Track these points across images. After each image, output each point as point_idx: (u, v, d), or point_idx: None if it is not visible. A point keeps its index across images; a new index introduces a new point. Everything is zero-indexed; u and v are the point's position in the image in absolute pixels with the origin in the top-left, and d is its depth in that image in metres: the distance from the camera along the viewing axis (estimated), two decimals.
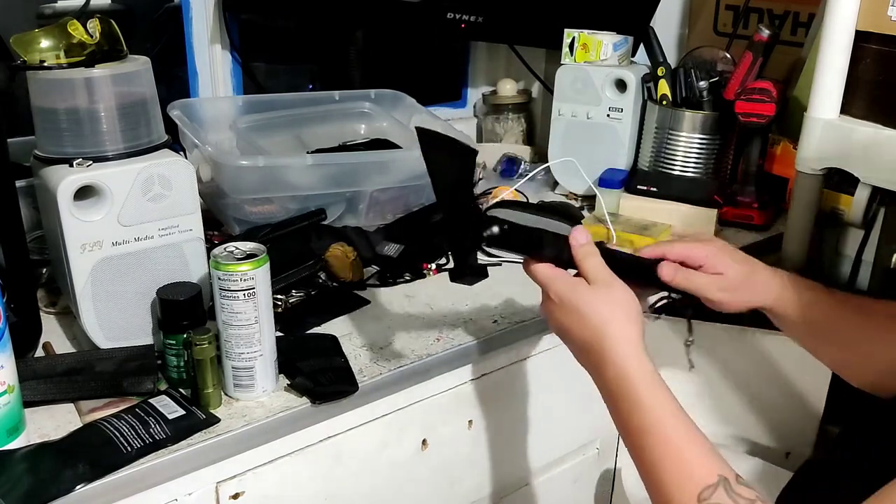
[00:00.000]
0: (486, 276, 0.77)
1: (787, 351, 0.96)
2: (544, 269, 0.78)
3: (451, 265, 0.77)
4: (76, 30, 0.84)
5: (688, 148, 1.33)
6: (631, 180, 1.34)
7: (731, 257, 0.84)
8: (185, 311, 0.82)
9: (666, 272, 0.82)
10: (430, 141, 0.75)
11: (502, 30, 1.50)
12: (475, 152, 0.74)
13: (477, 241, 0.75)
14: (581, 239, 0.78)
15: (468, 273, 0.75)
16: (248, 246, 0.81)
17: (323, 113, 1.33)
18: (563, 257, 0.79)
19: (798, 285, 0.86)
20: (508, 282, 1.05)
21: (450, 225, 0.76)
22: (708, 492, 0.63)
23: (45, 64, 0.83)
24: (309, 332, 0.95)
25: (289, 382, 0.84)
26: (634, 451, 0.71)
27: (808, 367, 0.89)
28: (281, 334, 0.89)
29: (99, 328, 0.85)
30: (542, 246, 0.78)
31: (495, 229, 0.75)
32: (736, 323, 1.09)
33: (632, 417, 0.70)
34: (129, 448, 0.72)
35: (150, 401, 0.79)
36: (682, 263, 0.84)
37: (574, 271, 0.78)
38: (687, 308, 1.02)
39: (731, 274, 0.83)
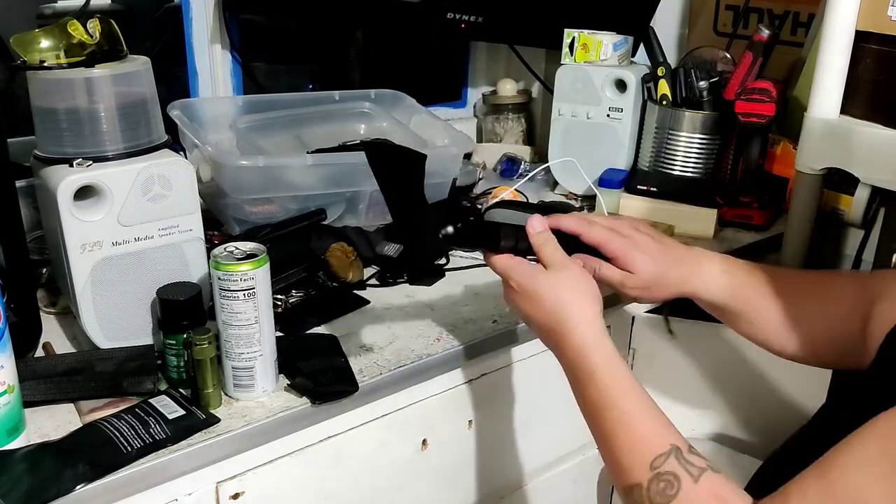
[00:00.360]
0: (442, 275, 0.77)
1: None
2: (503, 260, 0.81)
3: (408, 268, 0.78)
4: (76, 30, 0.84)
5: (688, 148, 1.33)
6: (631, 180, 1.34)
7: (644, 254, 0.84)
8: (185, 311, 0.82)
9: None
10: (378, 153, 0.78)
11: (502, 30, 1.50)
12: (424, 157, 0.75)
13: (433, 243, 0.77)
14: (537, 227, 0.81)
15: (426, 274, 0.76)
16: (248, 246, 0.81)
17: (323, 113, 1.33)
18: (522, 247, 0.81)
19: (721, 270, 0.87)
20: None
21: (405, 229, 0.77)
22: (660, 460, 0.66)
23: (45, 64, 0.83)
24: (309, 332, 0.95)
25: (289, 382, 0.84)
26: (593, 425, 0.74)
27: (809, 367, 0.90)
28: (281, 334, 0.89)
29: (99, 328, 0.85)
30: (500, 239, 0.81)
31: (450, 229, 0.76)
32: None
33: (590, 393, 0.74)
34: (129, 448, 0.72)
35: (150, 401, 0.79)
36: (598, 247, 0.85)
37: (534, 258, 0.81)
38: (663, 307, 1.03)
39: (642, 274, 0.84)
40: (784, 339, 0.87)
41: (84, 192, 0.81)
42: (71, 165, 0.81)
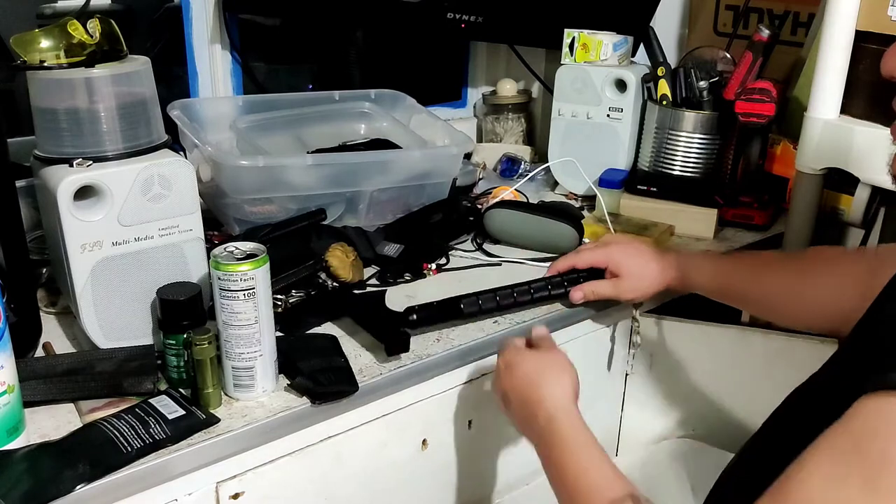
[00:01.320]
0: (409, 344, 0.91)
1: (785, 350, 0.97)
2: (501, 342, 0.90)
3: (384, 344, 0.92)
4: (76, 30, 0.84)
5: (688, 148, 1.33)
6: (631, 180, 1.34)
7: (626, 257, 1.00)
8: (185, 311, 0.82)
9: (575, 297, 1.01)
10: (359, 305, 0.99)
11: (502, 30, 1.50)
12: (383, 293, 0.99)
13: (404, 326, 0.92)
14: (541, 331, 0.92)
15: (400, 347, 0.89)
16: (248, 246, 0.81)
17: (323, 113, 1.33)
18: (486, 308, 0.97)
19: (705, 260, 1.01)
20: (507, 283, 1.05)
21: (379, 325, 0.93)
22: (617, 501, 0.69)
23: (45, 64, 0.83)
24: (309, 332, 0.95)
25: (289, 382, 0.84)
26: (558, 487, 0.76)
27: (812, 366, 0.90)
28: (281, 334, 0.89)
29: (99, 328, 0.85)
30: (460, 310, 0.96)
31: (413, 316, 0.94)
32: (735, 322, 1.10)
33: (555, 456, 0.77)
34: (129, 448, 0.72)
35: (150, 401, 0.79)
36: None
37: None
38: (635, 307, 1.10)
39: (626, 273, 0.99)
40: (789, 312, 0.94)
41: (84, 192, 0.81)
42: (71, 165, 0.81)
